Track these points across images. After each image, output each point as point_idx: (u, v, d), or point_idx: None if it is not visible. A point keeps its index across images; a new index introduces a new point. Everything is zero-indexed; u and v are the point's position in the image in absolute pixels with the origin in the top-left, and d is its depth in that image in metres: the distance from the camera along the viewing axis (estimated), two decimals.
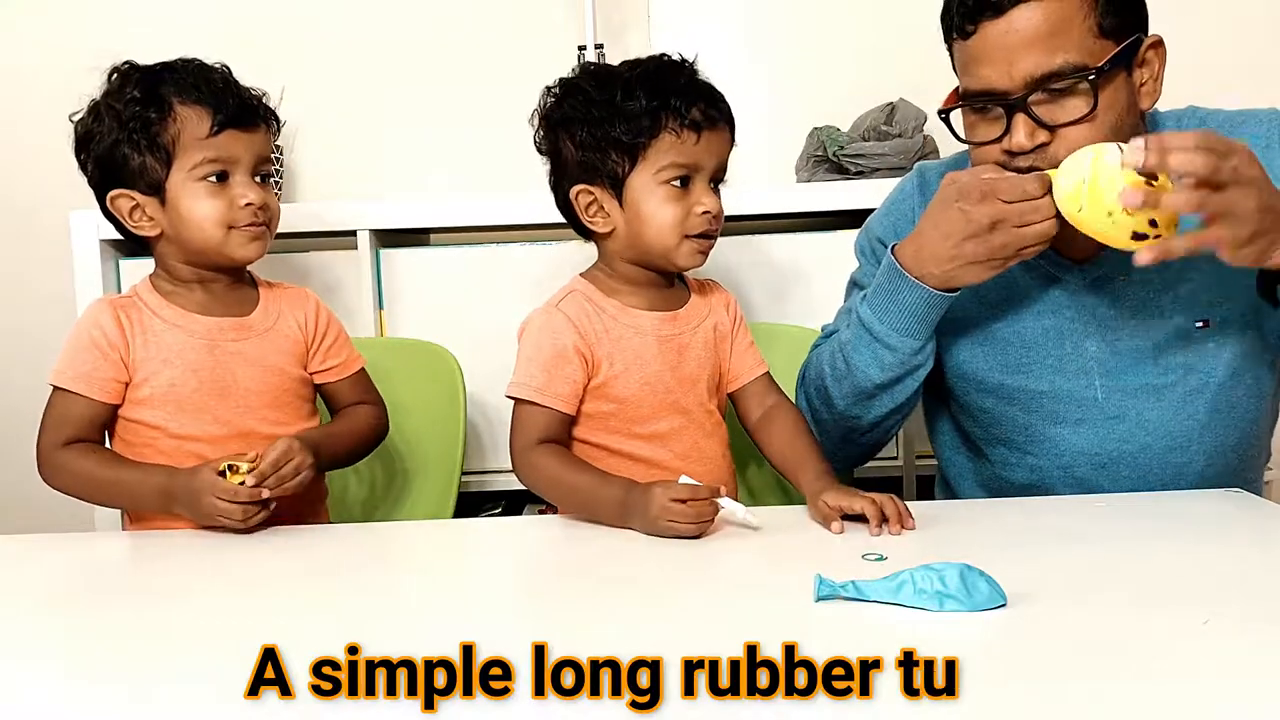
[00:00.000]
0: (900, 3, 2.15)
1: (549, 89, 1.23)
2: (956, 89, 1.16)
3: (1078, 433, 1.21)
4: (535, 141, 1.25)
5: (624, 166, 1.17)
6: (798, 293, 1.79)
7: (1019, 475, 1.25)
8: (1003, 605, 0.80)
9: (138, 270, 1.86)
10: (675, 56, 1.21)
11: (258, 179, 1.25)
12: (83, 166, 1.26)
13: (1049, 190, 1.05)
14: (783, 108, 2.13)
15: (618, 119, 1.16)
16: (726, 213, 1.24)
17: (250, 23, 2.20)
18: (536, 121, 1.24)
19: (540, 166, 1.27)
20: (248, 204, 1.22)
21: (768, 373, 1.31)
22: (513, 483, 1.78)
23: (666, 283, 1.26)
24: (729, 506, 1.06)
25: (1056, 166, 1.05)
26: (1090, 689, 0.66)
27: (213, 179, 1.21)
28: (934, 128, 1.94)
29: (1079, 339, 1.21)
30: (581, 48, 2.03)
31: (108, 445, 1.27)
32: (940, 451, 1.39)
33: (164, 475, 1.15)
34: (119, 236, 1.90)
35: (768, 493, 1.48)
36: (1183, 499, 1.17)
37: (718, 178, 1.21)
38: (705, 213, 1.18)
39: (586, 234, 1.26)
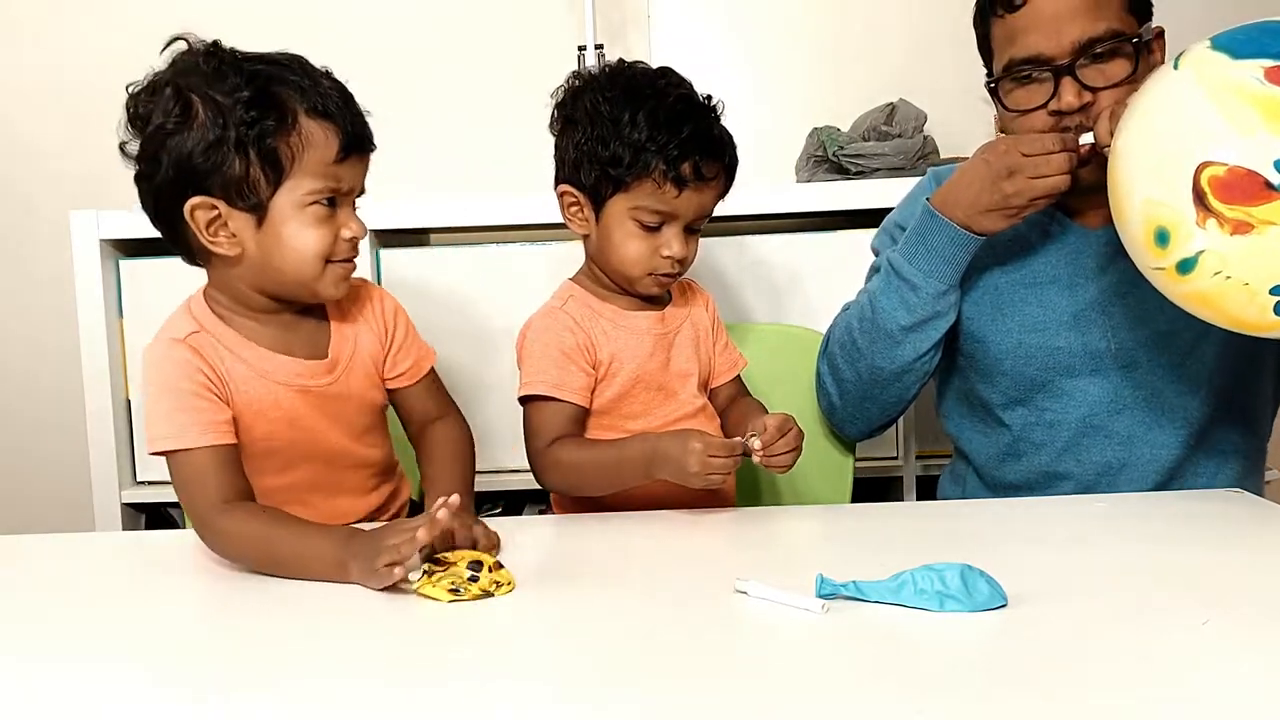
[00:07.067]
0: (900, 3, 2.16)
1: (575, 73, 1.21)
2: (989, 71, 1.27)
3: (1094, 382, 1.27)
4: (550, 122, 1.22)
5: (607, 188, 1.17)
6: (797, 293, 1.79)
7: (1037, 434, 1.30)
8: (1003, 605, 0.80)
9: (138, 271, 1.85)
10: (701, 98, 1.18)
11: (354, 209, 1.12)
12: (146, 156, 1.04)
13: (1067, 149, 1.14)
14: (783, 108, 2.14)
15: (613, 141, 1.13)
16: (728, 212, 1.24)
17: (249, 21, 2.19)
18: (554, 103, 1.21)
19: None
20: (351, 237, 1.09)
21: (739, 375, 1.35)
22: (511, 483, 1.79)
23: None
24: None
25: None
26: (1090, 689, 0.66)
27: (324, 203, 1.06)
28: (934, 128, 1.94)
29: (1092, 294, 1.27)
30: (581, 48, 2.03)
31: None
32: (954, 432, 1.42)
33: (339, 540, 0.95)
34: (119, 236, 1.89)
35: (766, 490, 1.48)
36: (1183, 499, 1.17)
37: (696, 226, 1.20)
38: (669, 257, 1.18)
39: None
